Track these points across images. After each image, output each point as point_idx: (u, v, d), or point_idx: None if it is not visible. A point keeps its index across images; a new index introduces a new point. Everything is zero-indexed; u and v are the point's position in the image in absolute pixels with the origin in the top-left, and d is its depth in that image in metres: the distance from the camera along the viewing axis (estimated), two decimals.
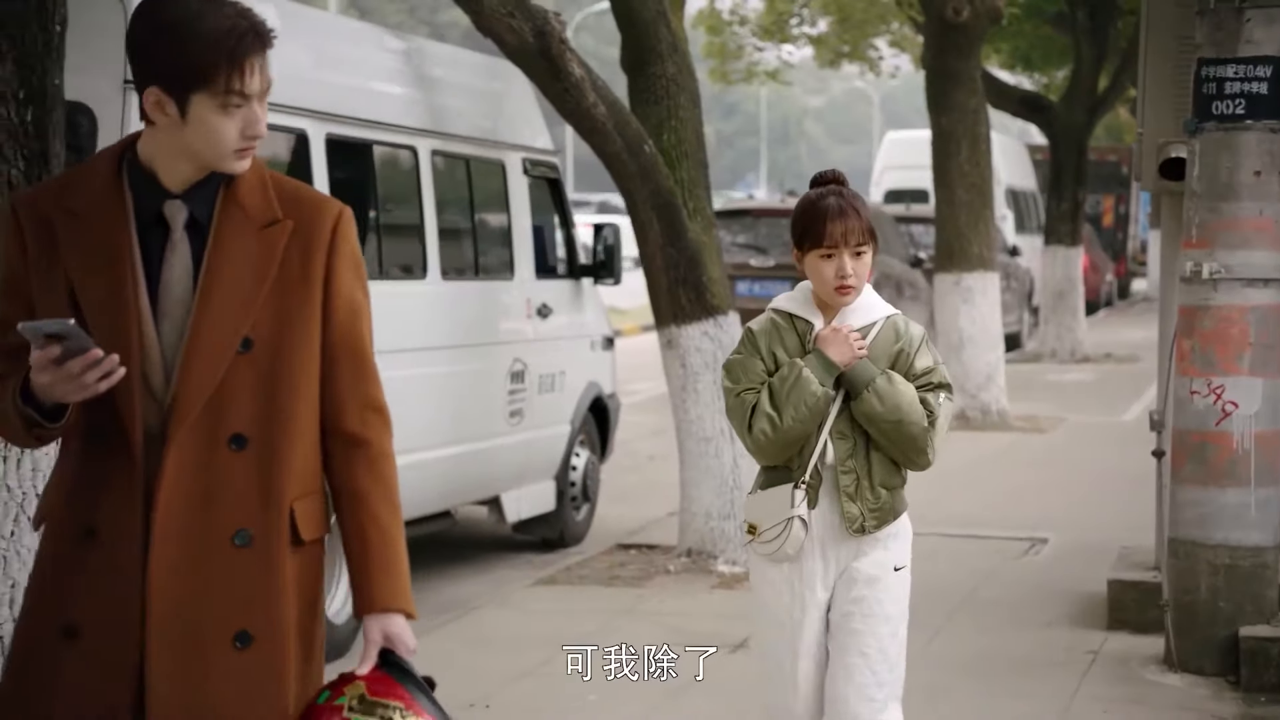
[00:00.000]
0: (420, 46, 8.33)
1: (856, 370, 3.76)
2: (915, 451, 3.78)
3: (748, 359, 3.84)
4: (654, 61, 7.97)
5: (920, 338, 3.87)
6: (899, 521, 3.88)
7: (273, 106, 6.90)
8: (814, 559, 3.83)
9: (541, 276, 8.70)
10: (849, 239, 3.77)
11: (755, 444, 3.79)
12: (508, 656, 6.45)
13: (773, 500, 3.79)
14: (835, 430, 3.79)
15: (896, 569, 3.85)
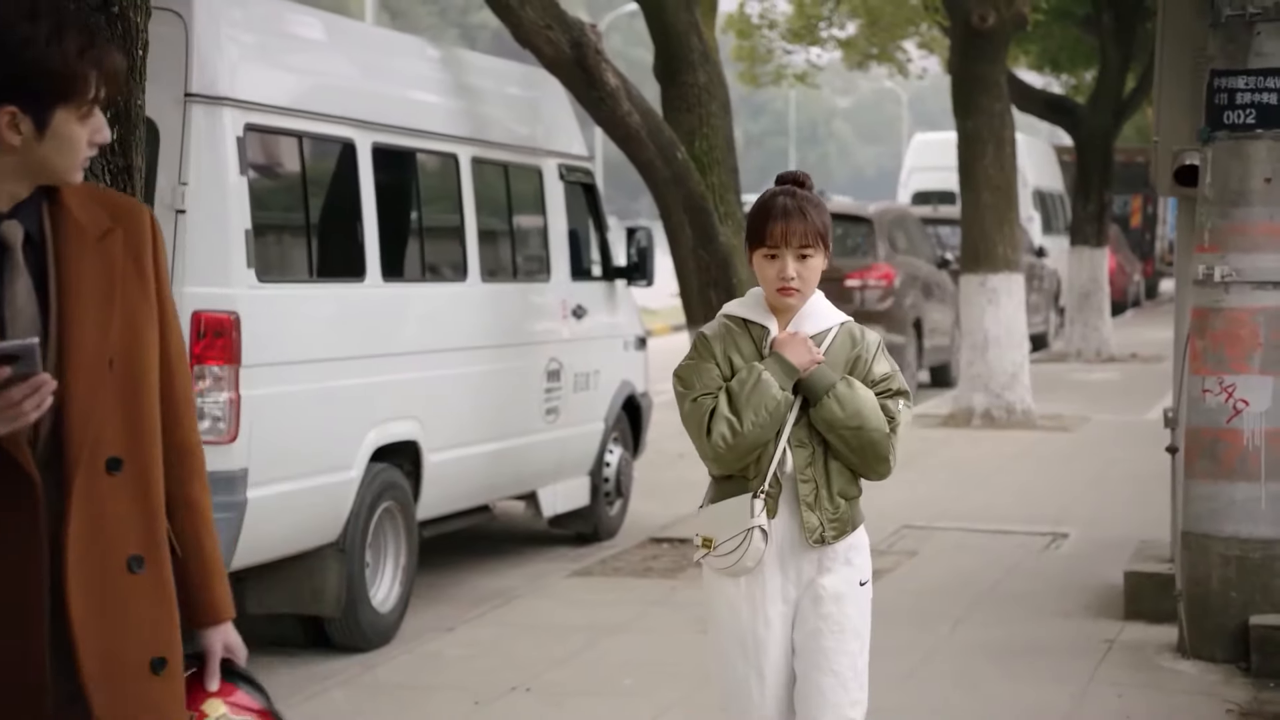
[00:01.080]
0: (460, 56, 8.62)
1: (815, 376, 3.68)
2: (876, 459, 3.69)
3: (702, 364, 3.73)
4: (686, 71, 8.25)
5: (876, 344, 3.80)
6: (858, 533, 3.78)
7: (322, 116, 7.25)
8: (773, 571, 3.69)
9: (576, 278, 8.98)
10: (791, 240, 3.68)
11: (713, 450, 3.64)
12: (547, 643, 6.73)
13: (730, 511, 3.65)
14: (794, 438, 3.68)
15: (862, 583, 3.76)
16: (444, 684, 6.18)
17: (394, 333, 7.24)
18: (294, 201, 6.83)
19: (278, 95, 6.58)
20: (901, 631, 6.92)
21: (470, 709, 5.85)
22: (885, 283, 15.18)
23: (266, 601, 6.75)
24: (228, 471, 6.09)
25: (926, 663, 6.45)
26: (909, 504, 9.87)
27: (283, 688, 6.22)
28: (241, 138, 6.23)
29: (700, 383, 3.71)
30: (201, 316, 6.09)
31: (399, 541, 7.18)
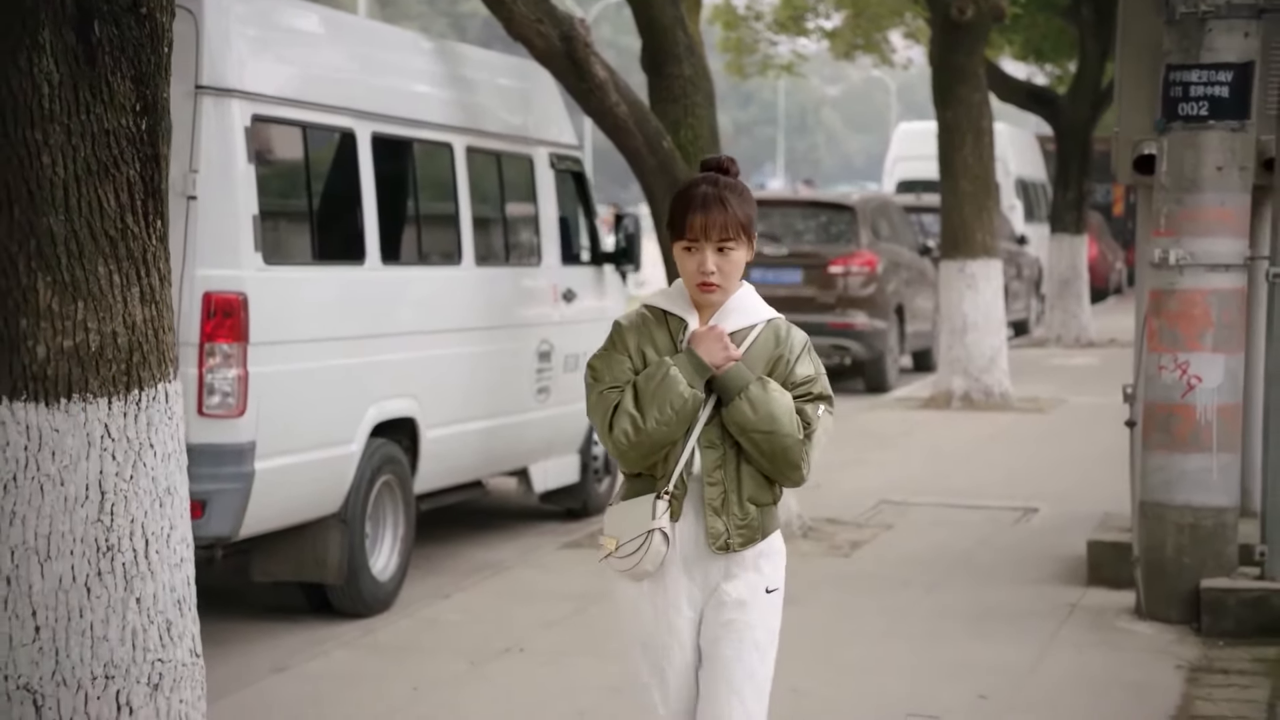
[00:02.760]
0: (454, 49, 8.95)
1: (730, 374, 3.51)
2: (788, 465, 3.52)
3: (613, 355, 3.58)
4: (672, 64, 8.59)
5: (802, 344, 3.62)
6: (770, 541, 3.61)
7: (324, 107, 7.61)
8: (677, 577, 3.55)
9: (567, 263, 9.32)
10: (710, 233, 3.52)
11: (616, 446, 3.52)
12: (539, 608, 7.08)
13: (633, 511, 3.51)
14: (704, 439, 3.53)
15: (768, 591, 3.59)
16: (441, 646, 6.53)
17: (392, 314, 7.57)
18: (298, 188, 7.16)
19: (283, 87, 6.91)
20: (876, 597, 7.29)
21: (466, 668, 6.20)
22: (868, 269, 15.53)
23: (271, 570, 7.09)
24: (236, 444, 6.42)
25: (899, 623, 6.81)
26: (888, 481, 10.23)
27: (287, 650, 6.59)
28: (249, 128, 6.56)
29: (609, 375, 3.56)
30: (212, 297, 6.43)
31: (397, 513, 7.52)
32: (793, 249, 15.55)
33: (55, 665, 3.97)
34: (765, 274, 15.13)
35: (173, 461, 4.17)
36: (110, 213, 4.05)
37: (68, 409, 4.01)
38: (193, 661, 4.16)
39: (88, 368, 4.03)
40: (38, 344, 3.99)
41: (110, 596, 4.02)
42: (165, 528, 4.14)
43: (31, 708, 3.95)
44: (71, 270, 4.00)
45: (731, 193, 3.57)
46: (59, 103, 3.94)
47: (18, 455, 4.01)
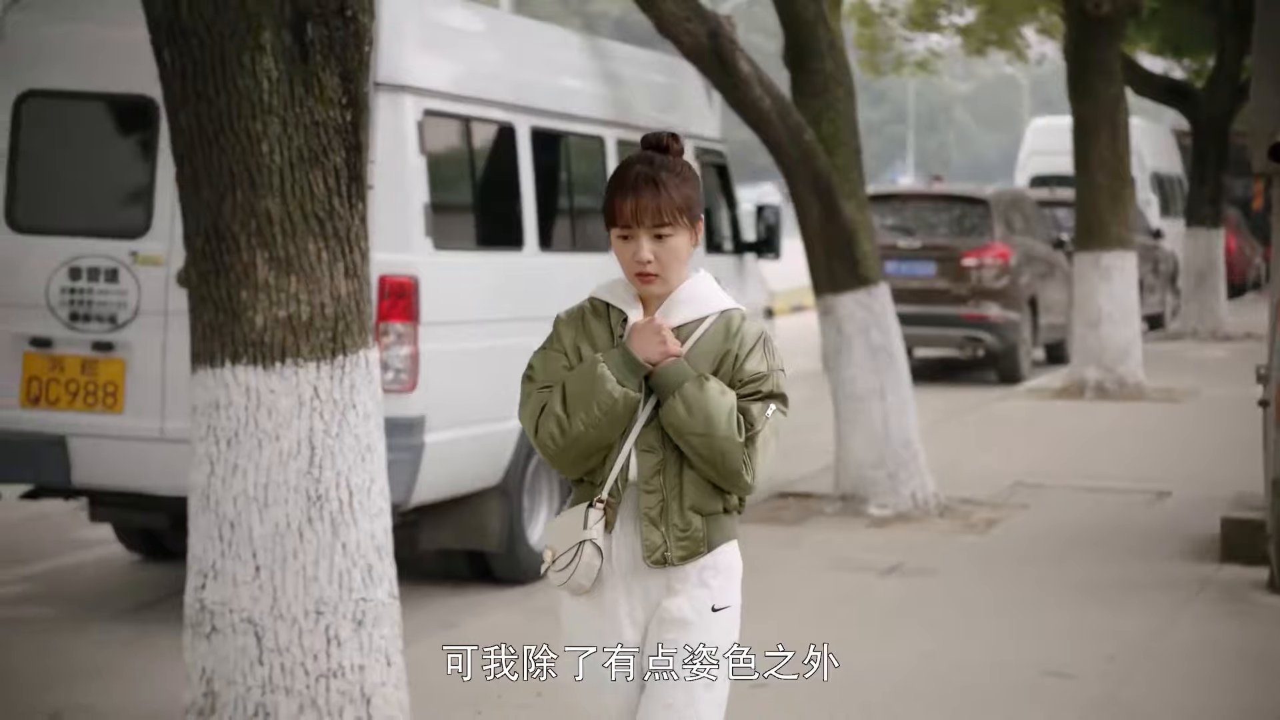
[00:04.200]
0: (605, 46, 9.36)
1: (666, 372, 3.19)
2: (729, 471, 3.19)
3: (549, 352, 3.31)
4: (813, 59, 8.92)
5: (756, 338, 3.26)
6: (720, 555, 3.29)
7: (487, 102, 8.07)
8: (618, 592, 3.27)
9: (710, 252, 9.69)
10: (643, 219, 3.19)
11: (543, 451, 3.25)
12: None
13: (568, 521, 3.26)
14: (642, 442, 3.22)
15: (715, 609, 3.28)
16: None
17: (548, 298, 7.97)
18: (463, 179, 7.62)
19: (450, 83, 7.37)
20: (1011, 569, 7.57)
21: None
22: (1002, 262, 15.70)
23: (438, 538, 7.56)
24: (407, 418, 6.88)
25: (1032, 594, 7.09)
26: (1022, 465, 10.46)
27: (453, 611, 7.04)
28: (421, 121, 7.02)
29: (544, 373, 3.29)
30: (386, 280, 6.89)
31: (552, 487, 7.95)
32: (926, 242, 15.78)
33: (273, 601, 4.43)
34: (899, 266, 15.37)
35: (372, 421, 4.62)
36: (319, 196, 4.50)
37: (281, 372, 4.47)
38: (390, 601, 4.60)
39: (299, 335, 4.48)
40: (256, 314, 4.46)
41: (320, 541, 4.47)
42: (367, 480, 4.59)
43: (253, 638, 4.42)
44: (286, 248, 4.46)
45: (669, 173, 3.23)
46: (277, 97, 4.40)
47: (238, 414, 4.48)
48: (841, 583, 7.31)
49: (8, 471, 6.91)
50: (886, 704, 5.55)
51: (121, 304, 6.76)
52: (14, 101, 6.94)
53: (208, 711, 4.45)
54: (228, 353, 4.48)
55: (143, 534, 7.85)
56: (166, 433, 6.70)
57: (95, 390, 6.82)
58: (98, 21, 6.94)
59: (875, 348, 8.96)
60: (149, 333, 6.74)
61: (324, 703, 4.43)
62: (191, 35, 4.35)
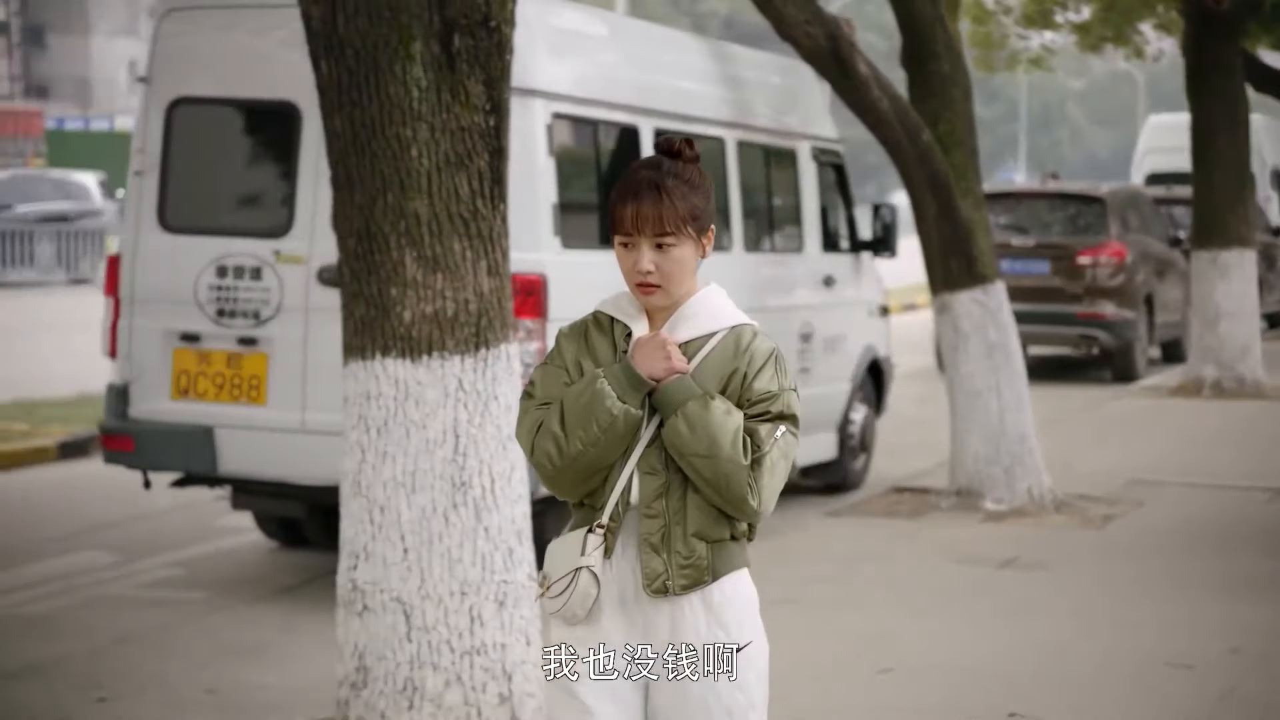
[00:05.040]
0: (725, 49, 9.56)
1: (670, 389, 3.01)
2: (733, 496, 2.99)
3: (549, 367, 3.12)
4: (931, 60, 9.05)
5: (766, 356, 3.07)
6: (726, 585, 3.05)
7: (612, 105, 8.30)
8: (616, 624, 3.06)
9: (827, 251, 9.86)
10: (644, 227, 3.01)
11: (541, 472, 3.07)
12: (805, 568, 7.63)
13: (565, 547, 3.06)
14: (644, 464, 3.04)
15: (739, 649, 3.05)
16: None
17: None
18: (589, 180, 7.85)
19: (577, 87, 7.60)
20: (1130, 564, 7.66)
21: None
22: (1117, 260, 15.66)
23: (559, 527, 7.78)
24: None
25: (1152, 587, 7.18)
26: (1138, 462, 10.50)
27: None
28: (550, 124, 7.26)
29: (543, 390, 3.10)
30: (516, 278, 7.12)
31: None
32: (1040, 240, 15.78)
33: (420, 582, 4.68)
34: (1013, 264, 15.38)
35: (513, 412, 4.86)
36: (464, 198, 4.75)
37: (428, 365, 4.73)
38: (529, 584, 4.84)
39: (445, 330, 4.74)
40: (404, 309, 4.72)
41: (464, 525, 4.72)
42: (507, 468, 4.84)
43: (402, 616, 4.68)
44: (433, 247, 4.72)
45: (676, 180, 3.05)
46: (426, 104, 4.66)
47: (387, 404, 4.74)
48: (959, 575, 7.44)
49: (159, 460, 7.26)
50: (1007, 693, 5.68)
51: (265, 301, 7.07)
52: (166, 108, 7.29)
53: (360, 685, 4.71)
54: (378, 346, 4.75)
55: (281, 522, 8.17)
56: (307, 424, 7.01)
57: (240, 383, 7.14)
58: (243, 32, 7.26)
59: (991, 345, 9.07)
60: (291, 328, 7.04)
61: (469, 678, 4.67)
62: (347, 46, 4.61)
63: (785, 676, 5.84)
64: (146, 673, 6.06)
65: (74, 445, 10.73)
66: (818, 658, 6.16)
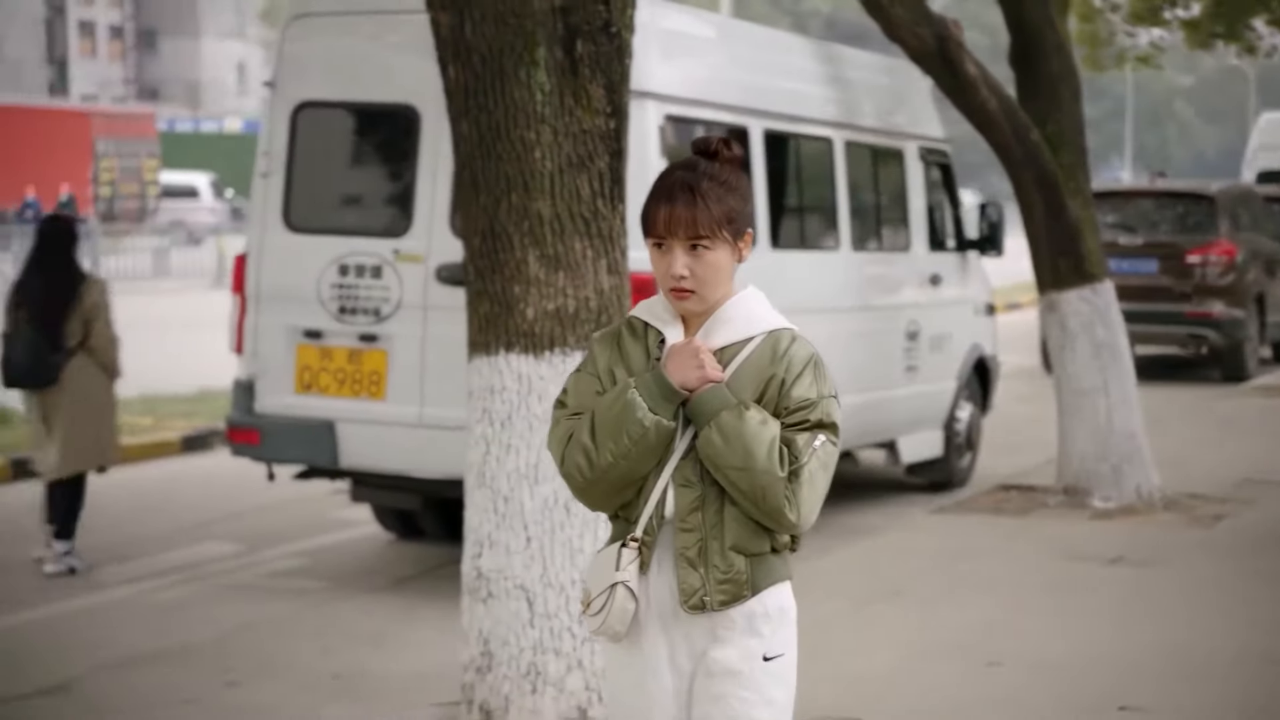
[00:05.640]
0: (832, 50, 9.65)
1: (703, 399, 2.92)
2: (770, 508, 2.90)
3: (582, 377, 3.04)
4: (1040, 60, 9.08)
5: (805, 362, 2.97)
6: (767, 599, 2.99)
7: (722, 106, 8.43)
8: (656, 639, 2.99)
9: (934, 250, 9.91)
10: (677, 229, 2.92)
11: (572, 484, 3.00)
12: (911, 562, 7.71)
13: (601, 562, 3.01)
14: (679, 476, 2.95)
15: (768, 659, 2.98)
16: (824, 591, 7.20)
17: (777, 293, 8.24)
18: None
19: (688, 89, 7.74)
20: (1238, 561, 7.65)
21: (848, 608, 6.88)
22: (1227, 259, 15.51)
23: None
24: None
25: (1261, 587, 7.17)
26: (1249, 462, 10.44)
27: None
28: (662, 126, 7.40)
29: (575, 399, 3.03)
30: (634, 276, 7.27)
31: None
32: (1148, 239, 15.68)
33: (543, 570, 4.84)
34: (1120, 264, 15.27)
35: None
36: (585, 198, 4.90)
37: (550, 360, 4.88)
38: None
39: (566, 326, 4.89)
40: (527, 306, 4.88)
41: (584, 515, 4.86)
42: None
43: (525, 603, 4.83)
44: (555, 246, 4.87)
45: (711, 182, 2.95)
46: (549, 107, 4.81)
47: (511, 398, 4.90)
48: (1067, 571, 7.48)
49: (283, 453, 7.50)
50: (1117, 687, 5.73)
51: (385, 299, 7.28)
52: (291, 112, 7.52)
53: (484, 669, 4.88)
54: (502, 342, 4.90)
55: (397, 514, 8.39)
56: (424, 419, 7.20)
57: (361, 379, 7.35)
58: (365, 37, 7.47)
59: (1099, 344, 9.08)
60: (409, 325, 7.24)
61: (589, 664, 4.82)
62: (474, 52, 4.78)
63: (892, 669, 5.95)
64: (273, 658, 6.28)
65: (196, 439, 11.06)
66: (925, 651, 6.24)
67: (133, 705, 5.69)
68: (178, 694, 5.82)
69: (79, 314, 7.59)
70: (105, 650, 6.35)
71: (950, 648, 6.24)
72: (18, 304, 7.69)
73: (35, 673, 6.03)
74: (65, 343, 7.58)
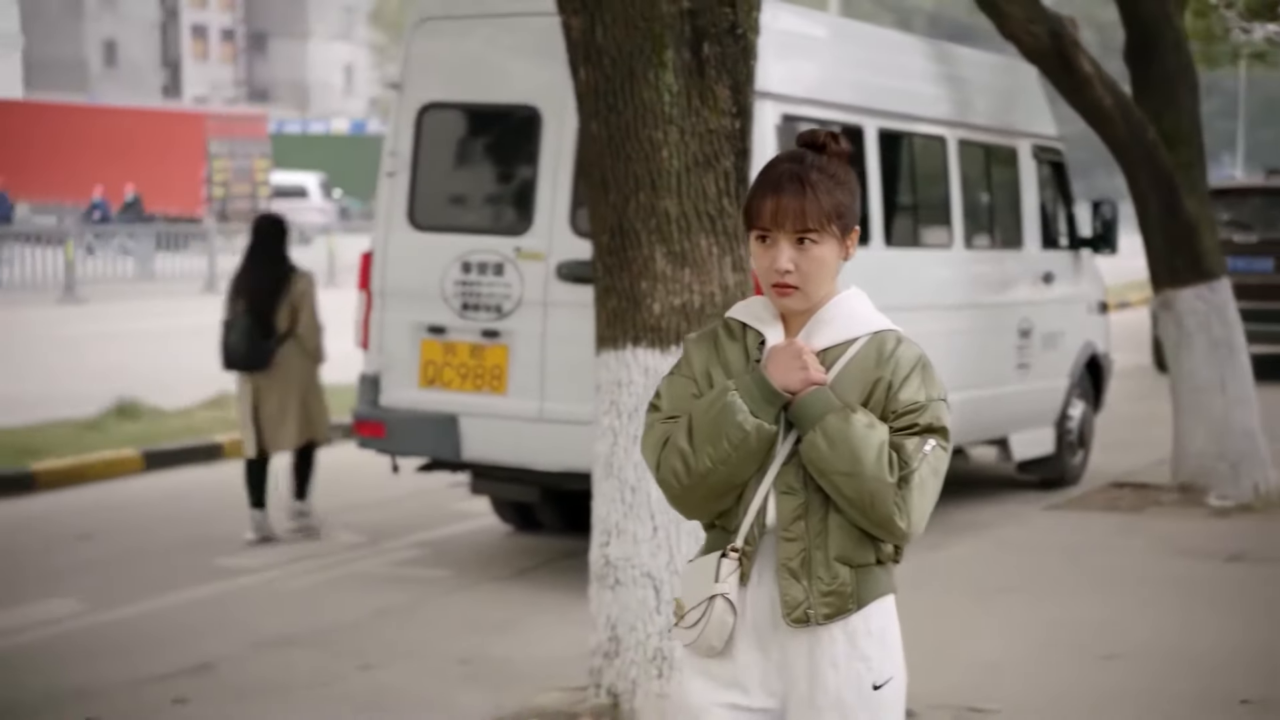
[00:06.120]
0: (945, 49, 9.69)
1: (807, 401, 2.80)
2: (879, 517, 2.77)
3: (676, 379, 2.93)
4: (1157, 57, 9.07)
5: (913, 363, 2.84)
6: (871, 615, 2.84)
7: (837, 105, 8.51)
8: (751, 655, 2.86)
9: (1046, 248, 9.92)
10: (783, 221, 2.79)
11: (668, 491, 2.88)
12: (1028, 558, 7.75)
13: (697, 572, 2.87)
14: (781, 483, 2.83)
15: (877, 686, 2.83)
16: (943, 584, 7.29)
17: (891, 290, 8.36)
18: None
19: (804, 89, 7.84)
20: None
21: (970, 601, 6.95)
22: None
23: None
24: None
25: None
26: None
27: None
28: (779, 125, 7.51)
29: (670, 402, 2.91)
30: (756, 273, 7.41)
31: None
32: (1264, 236, 15.51)
33: (669, 557, 4.98)
34: (1234, 262, 15.07)
35: None
36: (711, 196, 5.03)
37: (675, 354, 5.01)
38: None
39: (691, 321, 5.02)
40: (654, 302, 5.01)
41: None
42: None
43: (652, 590, 4.97)
44: (681, 243, 5.00)
45: (820, 173, 2.82)
46: (676, 108, 4.95)
47: (637, 391, 5.04)
48: (1185, 567, 7.48)
49: (409, 446, 7.70)
50: (1238, 681, 5.75)
51: (506, 295, 7.46)
52: (416, 113, 7.73)
53: (612, 654, 5.03)
54: (629, 336, 5.05)
55: (516, 507, 8.57)
56: (545, 413, 7.37)
57: (483, 373, 7.54)
58: (488, 40, 7.66)
59: (1216, 341, 9.05)
60: (530, 321, 7.42)
61: None
62: (604, 55, 4.92)
63: (1011, 658, 6.02)
64: (403, 643, 6.47)
65: None
66: (1043, 642, 6.30)
67: (272, 685, 5.90)
68: (314, 676, 6.03)
69: (288, 303, 8.20)
70: (243, 633, 6.58)
71: (1068, 640, 6.29)
72: (236, 294, 8.28)
73: (178, 653, 6.27)
74: (276, 329, 8.19)
